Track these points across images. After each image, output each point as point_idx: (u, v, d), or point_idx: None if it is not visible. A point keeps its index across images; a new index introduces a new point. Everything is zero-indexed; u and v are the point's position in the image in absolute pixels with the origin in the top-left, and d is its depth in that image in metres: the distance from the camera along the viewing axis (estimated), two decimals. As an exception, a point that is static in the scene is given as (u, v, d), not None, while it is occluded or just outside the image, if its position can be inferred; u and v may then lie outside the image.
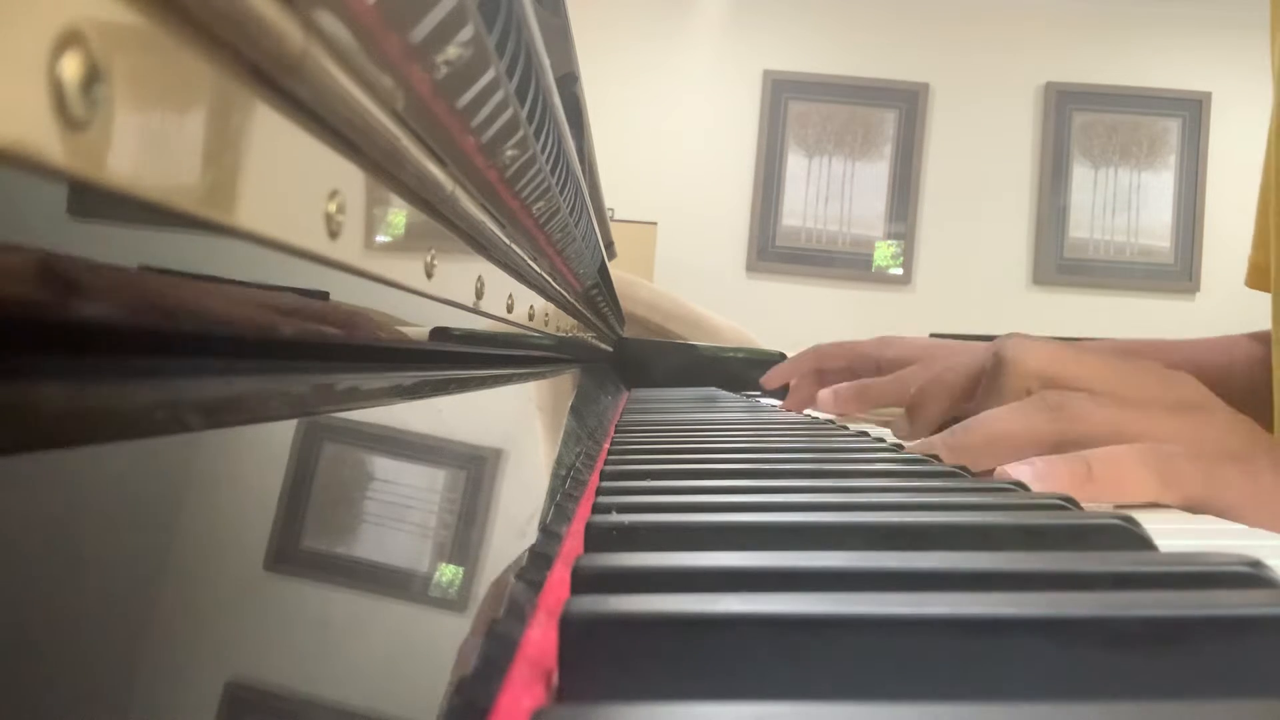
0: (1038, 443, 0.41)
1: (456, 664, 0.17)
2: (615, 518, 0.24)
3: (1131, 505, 0.39)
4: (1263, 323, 0.77)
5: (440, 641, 0.18)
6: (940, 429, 0.50)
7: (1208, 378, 0.46)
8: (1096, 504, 0.38)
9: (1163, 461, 0.38)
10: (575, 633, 0.15)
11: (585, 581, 0.18)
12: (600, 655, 0.15)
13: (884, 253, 3.65)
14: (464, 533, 0.24)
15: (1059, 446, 0.41)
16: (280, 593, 0.15)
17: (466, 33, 0.21)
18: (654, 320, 1.65)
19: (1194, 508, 0.39)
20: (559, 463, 0.39)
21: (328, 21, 0.15)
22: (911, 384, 0.62)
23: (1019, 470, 0.37)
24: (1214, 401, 0.45)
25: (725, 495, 0.30)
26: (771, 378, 0.91)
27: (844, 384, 0.77)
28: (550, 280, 0.55)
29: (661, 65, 3.66)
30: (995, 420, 0.42)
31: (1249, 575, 0.18)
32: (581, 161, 0.62)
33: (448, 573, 0.21)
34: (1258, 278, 0.82)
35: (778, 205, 3.66)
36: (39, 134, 0.09)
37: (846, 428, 0.60)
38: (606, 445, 0.48)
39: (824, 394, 0.76)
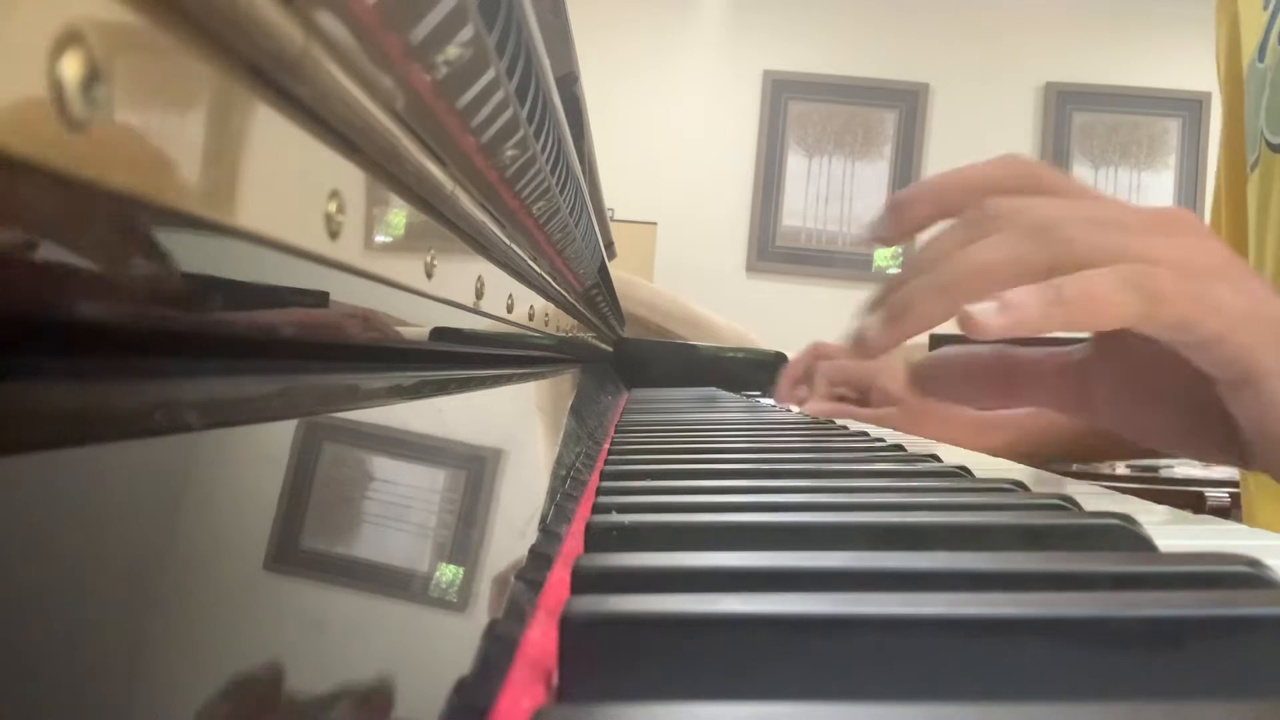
0: (1027, 273, 0.36)
1: (456, 664, 0.17)
2: (615, 518, 0.24)
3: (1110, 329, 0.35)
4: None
5: (440, 641, 0.18)
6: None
7: None
8: (1073, 330, 0.34)
9: (1146, 279, 0.34)
10: (575, 633, 0.15)
11: (585, 581, 0.18)
12: (600, 655, 0.15)
13: (884, 253, 3.65)
14: (464, 533, 0.24)
15: (1051, 274, 0.36)
16: (280, 593, 0.15)
17: (466, 33, 0.21)
18: (654, 320, 1.65)
19: (1181, 330, 0.35)
20: (559, 463, 0.39)
21: (328, 21, 0.15)
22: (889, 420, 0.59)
23: (982, 309, 0.33)
24: (1215, 238, 0.40)
25: (725, 495, 0.30)
26: (786, 380, 0.90)
27: (828, 406, 0.76)
28: (550, 280, 0.55)
29: (661, 65, 3.66)
30: (977, 251, 0.37)
31: (1249, 575, 0.18)
32: (581, 161, 0.62)
33: (448, 573, 0.21)
34: None
35: (778, 205, 3.66)
36: (39, 134, 0.09)
37: (846, 428, 0.60)
38: (606, 445, 0.48)
39: (809, 409, 0.75)
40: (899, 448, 0.46)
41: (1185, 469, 2.02)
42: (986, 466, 0.44)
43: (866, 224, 0.48)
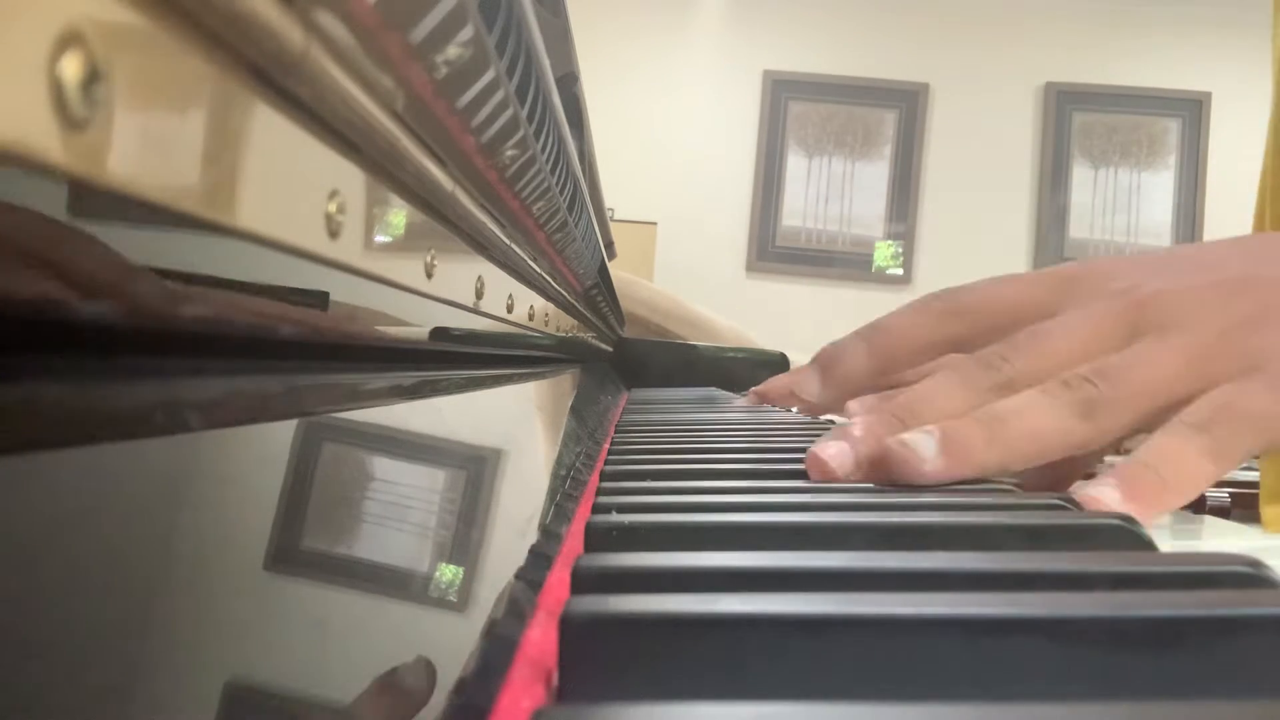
0: (1075, 447, 0.34)
1: (456, 664, 0.17)
2: (615, 518, 0.24)
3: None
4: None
5: (440, 641, 0.18)
6: None
7: None
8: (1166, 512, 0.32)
9: (1211, 443, 0.32)
10: (575, 633, 0.15)
11: (585, 581, 0.18)
12: (600, 655, 0.15)
13: (884, 253, 3.65)
14: (464, 533, 0.24)
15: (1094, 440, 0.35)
16: (280, 593, 0.15)
17: (466, 33, 0.21)
18: (654, 320, 1.65)
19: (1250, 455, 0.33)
20: (559, 463, 0.39)
21: (328, 21, 0.15)
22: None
23: (1103, 492, 0.31)
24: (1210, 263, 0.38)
25: (725, 495, 0.30)
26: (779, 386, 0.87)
27: (767, 384, 0.74)
28: (550, 280, 0.55)
29: (661, 65, 3.66)
30: (1025, 416, 0.35)
31: (1249, 575, 0.18)
32: (581, 161, 0.62)
33: (448, 573, 0.21)
34: None
35: (778, 205, 3.66)
36: (39, 134, 0.09)
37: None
38: (606, 445, 0.48)
39: (750, 397, 0.72)
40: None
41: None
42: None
43: (797, 380, 0.48)
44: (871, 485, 0.33)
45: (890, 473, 0.33)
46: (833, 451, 0.33)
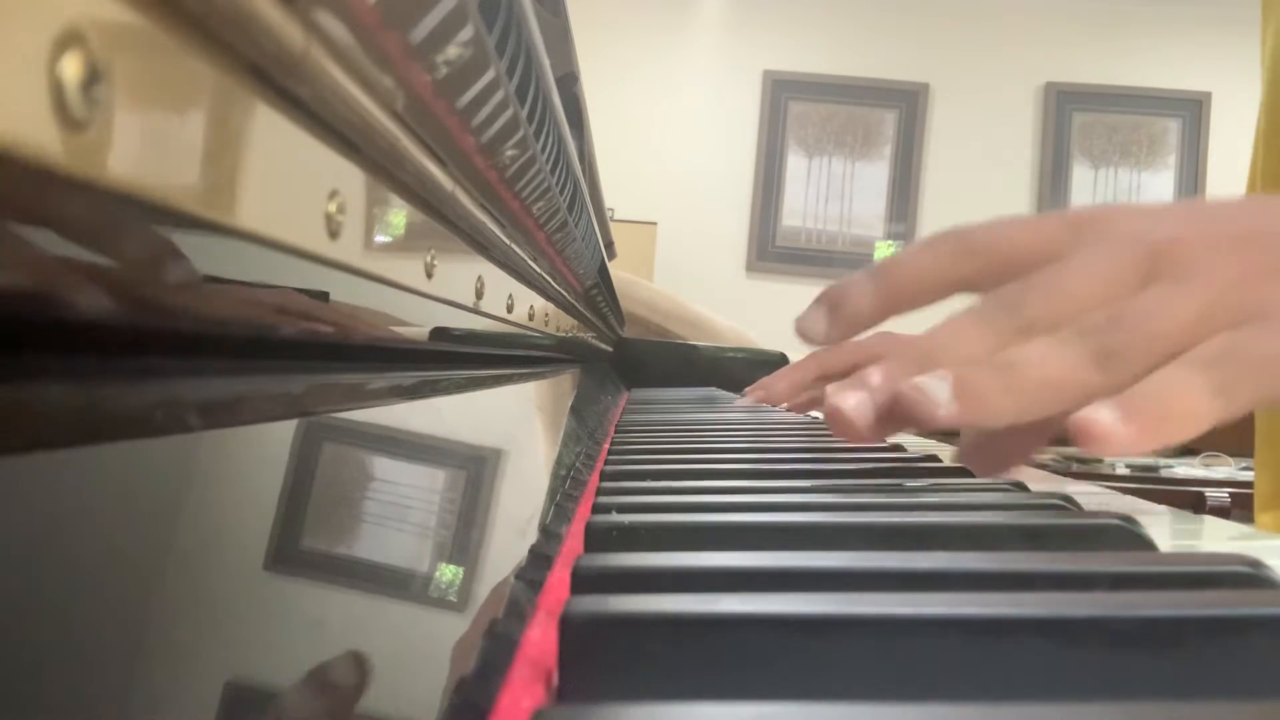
0: (1092, 394, 0.33)
1: (456, 664, 0.17)
2: (615, 518, 0.24)
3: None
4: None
5: (440, 641, 0.18)
6: None
7: None
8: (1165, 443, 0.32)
9: (1223, 378, 0.32)
10: (575, 633, 0.15)
11: (585, 581, 0.18)
12: (600, 655, 0.15)
13: (884, 253, 3.65)
14: (464, 533, 0.24)
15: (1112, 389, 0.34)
16: (280, 593, 0.15)
17: (466, 33, 0.21)
18: (654, 320, 1.65)
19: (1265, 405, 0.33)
20: (559, 463, 0.39)
21: (328, 21, 0.15)
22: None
23: (1100, 413, 0.31)
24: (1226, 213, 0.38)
25: (725, 495, 0.30)
26: (780, 390, 0.85)
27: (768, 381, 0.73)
28: (550, 280, 0.55)
29: (661, 65, 3.66)
30: (1038, 364, 0.34)
31: (1249, 575, 0.18)
32: (581, 161, 0.62)
33: (448, 573, 0.21)
34: None
35: (778, 205, 3.66)
36: (39, 134, 0.09)
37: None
38: (606, 445, 0.48)
39: (753, 391, 0.71)
40: (899, 448, 0.46)
41: (1185, 469, 2.02)
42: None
43: (802, 318, 0.47)
44: (871, 485, 0.33)
45: (904, 417, 0.32)
46: (853, 403, 0.33)
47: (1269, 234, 0.37)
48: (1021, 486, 0.32)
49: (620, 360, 1.36)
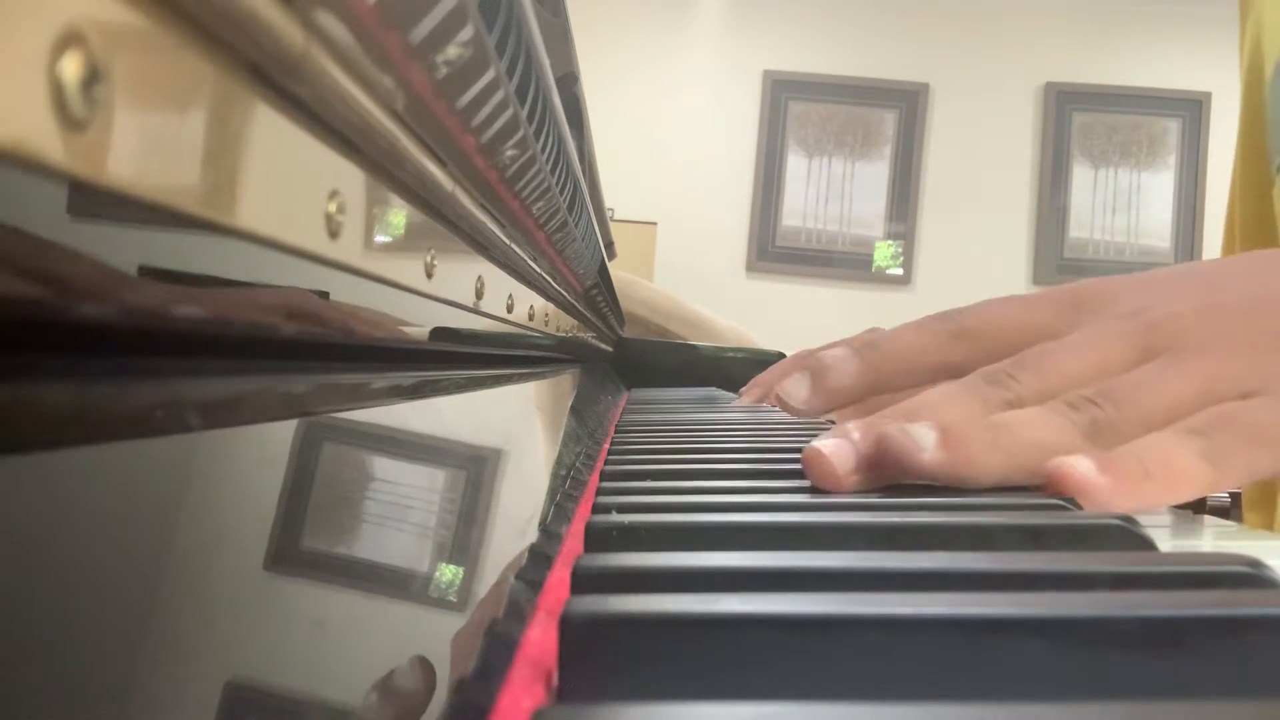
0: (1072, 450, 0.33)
1: (456, 664, 0.17)
2: (615, 518, 0.24)
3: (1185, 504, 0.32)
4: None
5: (441, 642, 0.18)
6: None
7: None
8: (1152, 510, 0.31)
9: (1212, 447, 0.31)
10: (575, 633, 0.15)
11: (585, 581, 0.18)
12: (600, 655, 0.15)
13: (884, 253, 3.65)
14: (464, 533, 0.24)
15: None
16: (280, 593, 0.15)
17: (466, 33, 0.21)
18: (654, 320, 1.65)
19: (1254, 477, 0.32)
20: (559, 463, 0.39)
21: (328, 21, 0.15)
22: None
23: (1078, 462, 0.30)
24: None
25: (725, 495, 0.30)
26: (764, 382, 0.85)
27: (751, 385, 0.72)
28: (550, 280, 0.55)
29: (661, 65, 3.66)
30: (1028, 427, 0.34)
31: (1249, 575, 0.18)
32: (581, 161, 0.62)
33: (447, 573, 0.21)
34: None
35: (778, 205, 3.66)
36: (39, 134, 0.09)
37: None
38: (606, 445, 0.48)
39: (745, 399, 0.70)
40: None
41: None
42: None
43: (784, 384, 0.46)
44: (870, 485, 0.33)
45: (887, 461, 0.31)
46: (832, 447, 0.32)
47: (1270, 301, 0.36)
48: (1021, 487, 0.32)
49: (620, 360, 1.36)
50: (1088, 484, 0.30)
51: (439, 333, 0.29)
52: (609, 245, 1.22)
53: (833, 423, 0.68)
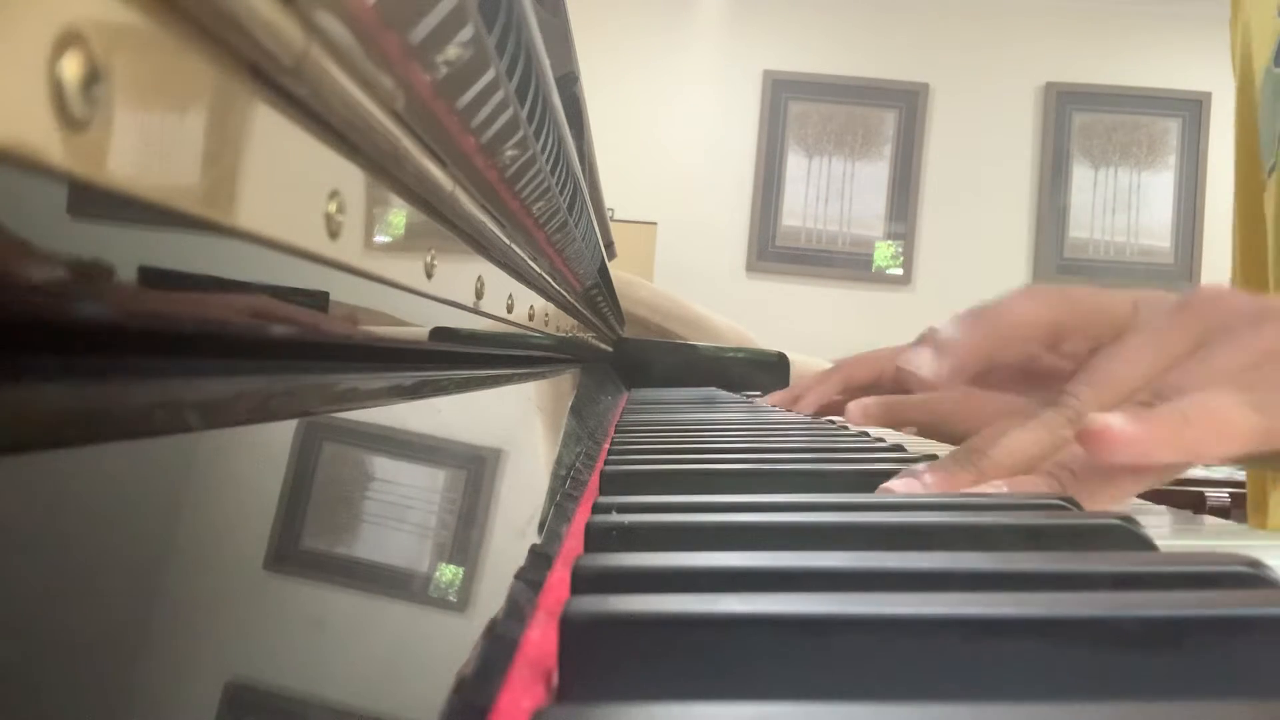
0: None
1: (456, 664, 0.17)
2: (615, 518, 0.24)
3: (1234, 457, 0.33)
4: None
5: (440, 641, 0.18)
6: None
7: None
8: (1199, 460, 0.32)
9: (1256, 388, 0.32)
10: (575, 633, 0.15)
11: (585, 581, 0.18)
12: (600, 655, 0.15)
13: (884, 253, 3.65)
14: (464, 533, 0.24)
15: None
16: (280, 593, 0.15)
17: (466, 33, 0.21)
18: (654, 320, 1.65)
19: None
20: (559, 463, 0.39)
21: (328, 21, 0.15)
22: (941, 405, 0.57)
23: (1111, 418, 0.31)
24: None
25: (725, 495, 0.30)
26: (807, 403, 0.85)
27: (872, 400, 0.73)
28: (550, 280, 0.55)
29: (661, 65, 3.66)
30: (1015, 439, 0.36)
31: (1249, 575, 0.18)
32: (581, 161, 0.62)
33: (447, 573, 0.21)
34: None
35: (778, 205, 3.66)
36: (39, 134, 0.09)
37: (847, 428, 0.60)
38: (606, 445, 0.48)
39: (852, 408, 0.70)
40: (899, 448, 0.46)
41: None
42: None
43: (906, 363, 0.48)
44: (871, 485, 0.33)
45: None
46: (904, 488, 0.33)
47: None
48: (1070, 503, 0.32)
49: (620, 360, 1.36)
50: (1121, 435, 0.30)
51: (439, 333, 0.29)
52: (609, 245, 1.22)
53: (832, 422, 0.68)
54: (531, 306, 0.49)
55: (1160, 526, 0.38)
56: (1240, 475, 1.13)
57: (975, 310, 0.48)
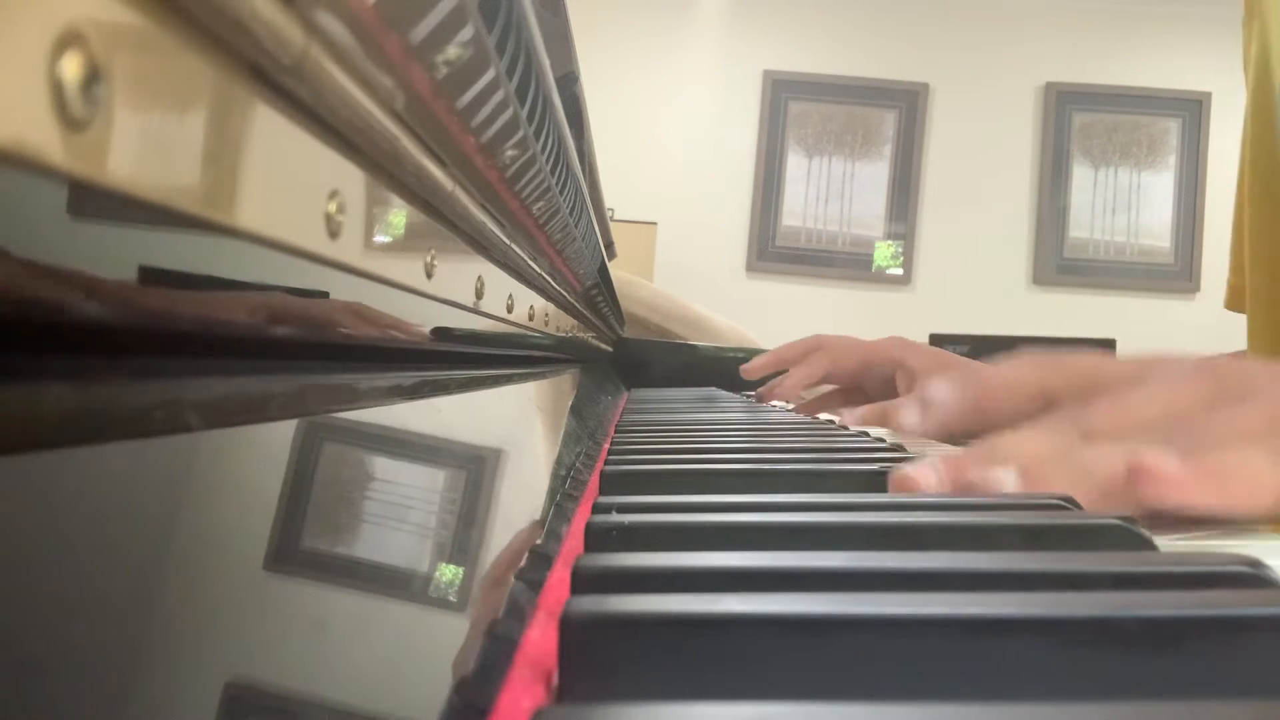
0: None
1: (456, 664, 0.17)
2: (615, 518, 0.24)
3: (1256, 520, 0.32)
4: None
5: (440, 641, 0.18)
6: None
7: None
8: (1233, 513, 0.31)
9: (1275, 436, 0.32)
10: (575, 633, 0.15)
11: (585, 581, 0.18)
12: (600, 655, 0.15)
13: (884, 253, 3.65)
14: (464, 533, 0.24)
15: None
16: (280, 593, 0.15)
17: (466, 33, 0.21)
18: (654, 320, 1.65)
19: None
20: (559, 463, 0.39)
21: (328, 21, 0.15)
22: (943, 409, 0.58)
23: (1151, 454, 0.31)
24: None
25: (725, 495, 0.30)
26: (792, 384, 0.86)
27: (868, 408, 0.73)
28: (550, 280, 0.55)
29: (661, 65, 3.66)
30: (1111, 462, 0.34)
31: (1249, 575, 0.18)
32: (581, 161, 0.62)
33: (447, 573, 0.21)
34: (1236, 300, 0.82)
35: (778, 205, 3.66)
36: (39, 134, 0.09)
37: (846, 428, 0.60)
38: (606, 445, 0.48)
39: (848, 416, 0.70)
40: (899, 448, 0.46)
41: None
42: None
43: (891, 417, 0.49)
44: (871, 485, 0.33)
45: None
46: (913, 473, 0.33)
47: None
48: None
49: (620, 360, 1.36)
50: (1173, 478, 0.30)
51: (439, 333, 0.29)
52: (609, 245, 1.22)
53: (831, 422, 0.68)
54: (531, 306, 0.49)
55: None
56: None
57: (966, 371, 0.49)
